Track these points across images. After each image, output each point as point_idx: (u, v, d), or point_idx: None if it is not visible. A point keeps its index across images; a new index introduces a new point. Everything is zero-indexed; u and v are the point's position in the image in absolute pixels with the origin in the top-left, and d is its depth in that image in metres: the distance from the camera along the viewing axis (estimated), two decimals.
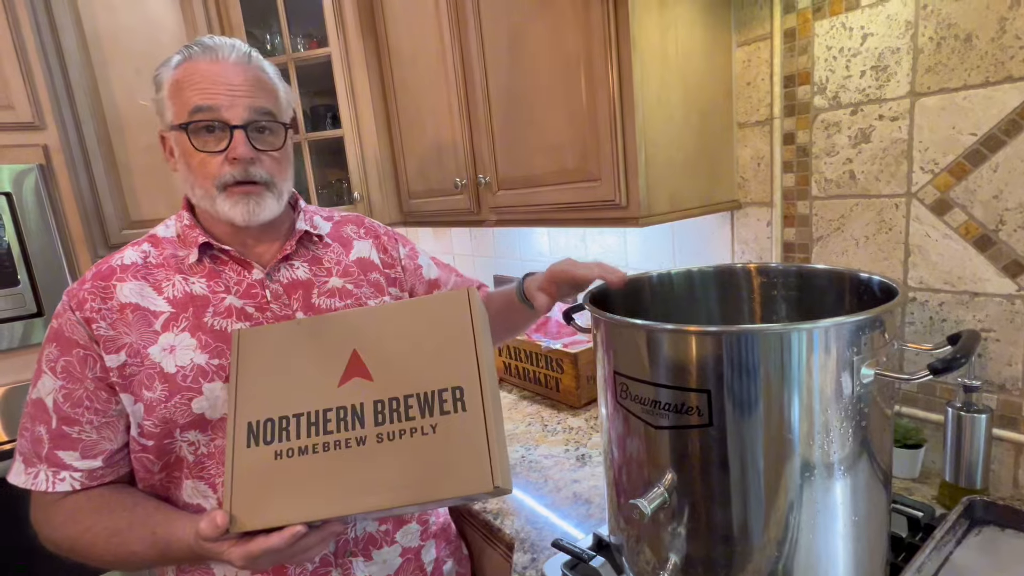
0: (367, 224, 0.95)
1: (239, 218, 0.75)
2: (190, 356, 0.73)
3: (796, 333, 0.56)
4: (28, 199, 1.44)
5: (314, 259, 0.85)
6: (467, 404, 0.64)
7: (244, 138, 0.72)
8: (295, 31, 1.76)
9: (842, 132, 0.98)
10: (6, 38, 1.40)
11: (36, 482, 0.71)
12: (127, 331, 0.72)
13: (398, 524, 0.84)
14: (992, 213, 0.84)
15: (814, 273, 0.83)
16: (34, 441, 0.72)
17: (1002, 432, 0.87)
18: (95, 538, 0.69)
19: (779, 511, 0.60)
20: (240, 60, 0.74)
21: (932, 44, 0.86)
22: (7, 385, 1.47)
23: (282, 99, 0.79)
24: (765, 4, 1.04)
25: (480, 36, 1.26)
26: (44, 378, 0.72)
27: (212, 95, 0.71)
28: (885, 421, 0.64)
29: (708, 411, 0.59)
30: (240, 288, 0.78)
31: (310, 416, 0.65)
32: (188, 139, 0.72)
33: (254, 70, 0.75)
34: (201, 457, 0.74)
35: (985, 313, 0.87)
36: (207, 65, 0.72)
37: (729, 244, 1.21)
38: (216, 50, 0.73)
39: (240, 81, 0.73)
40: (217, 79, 0.72)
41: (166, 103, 0.74)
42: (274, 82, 0.78)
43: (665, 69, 1.00)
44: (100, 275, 0.75)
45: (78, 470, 0.72)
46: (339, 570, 0.79)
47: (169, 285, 0.75)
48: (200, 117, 0.71)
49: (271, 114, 0.75)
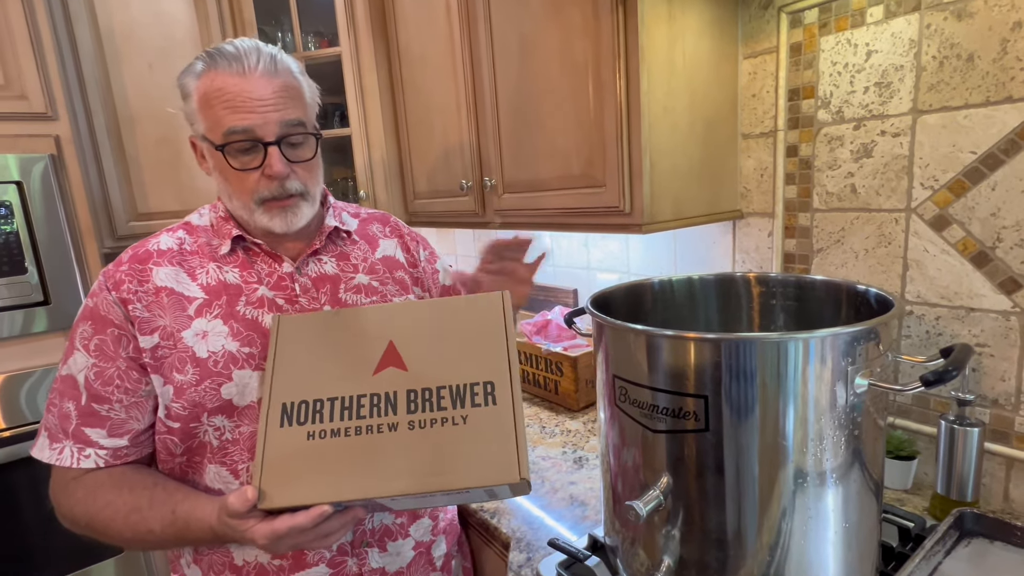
0: (392, 223, 0.97)
1: (278, 228, 0.77)
2: (222, 343, 0.74)
3: (793, 342, 0.58)
4: (38, 188, 1.46)
5: (342, 255, 0.87)
6: (497, 398, 0.66)
7: (279, 155, 0.73)
8: (306, 29, 1.78)
9: (844, 146, 1.00)
10: (22, 30, 1.42)
11: (60, 458, 0.72)
12: (161, 314, 0.74)
13: (412, 518, 0.86)
14: (990, 230, 0.85)
15: (812, 284, 0.84)
16: (61, 417, 0.72)
17: (994, 446, 0.88)
18: (114, 514, 0.70)
19: (772, 517, 0.61)
20: (267, 69, 0.73)
21: (935, 63, 0.87)
22: (7, 373, 1.48)
23: (308, 100, 0.79)
24: (772, 18, 1.06)
25: (490, 40, 1.28)
26: (76, 355, 0.73)
27: (244, 115, 0.71)
28: (878, 431, 0.65)
29: (705, 416, 0.60)
30: (271, 280, 0.80)
31: (344, 401, 0.67)
32: (225, 159, 0.73)
33: (281, 77, 0.75)
34: (225, 443, 0.75)
35: (980, 328, 0.88)
36: (235, 80, 0.72)
37: (730, 253, 1.22)
38: (241, 59, 0.72)
39: (269, 94, 0.73)
40: (247, 95, 0.72)
41: (196, 115, 0.74)
42: (300, 84, 0.78)
43: (672, 79, 1.02)
44: (137, 258, 0.76)
45: (104, 448, 0.73)
46: (355, 559, 0.80)
47: (203, 272, 0.77)
48: (235, 138, 0.72)
49: (302, 124, 0.76)
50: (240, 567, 0.77)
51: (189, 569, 0.80)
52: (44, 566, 1.54)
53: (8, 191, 1.42)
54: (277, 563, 0.77)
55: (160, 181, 1.69)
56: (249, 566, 0.77)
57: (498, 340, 0.69)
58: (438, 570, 0.91)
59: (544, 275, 1.80)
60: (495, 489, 0.63)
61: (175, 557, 0.83)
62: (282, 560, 0.77)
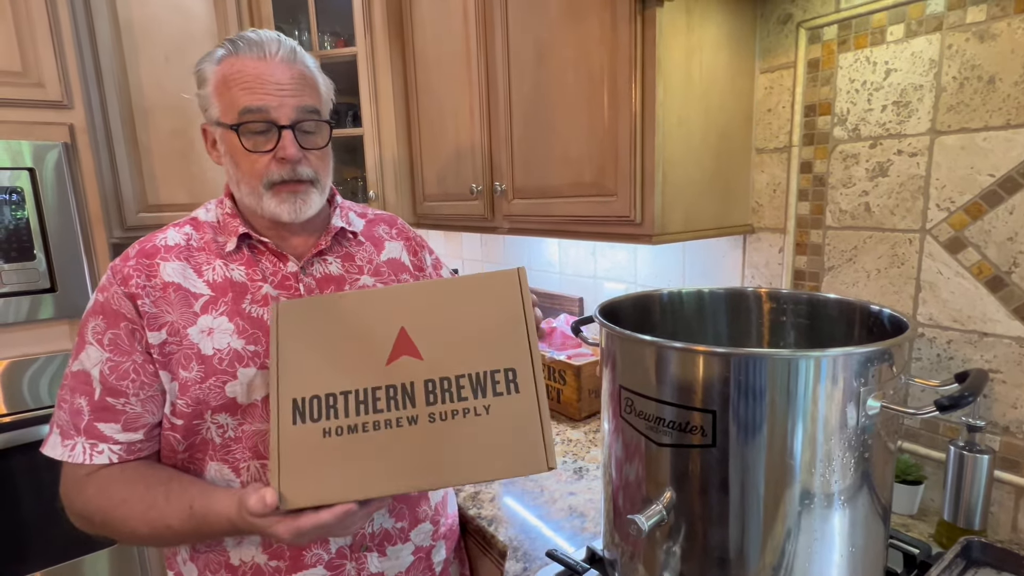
0: (399, 225, 0.96)
1: (285, 215, 0.76)
2: (227, 340, 0.73)
3: (805, 360, 0.57)
4: (50, 176, 1.46)
5: (347, 256, 0.86)
6: (520, 386, 0.64)
7: (292, 138, 0.73)
8: (323, 29, 1.79)
9: (860, 164, 0.99)
10: (42, 19, 1.43)
11: (72, 454, 0.71)
12: (169, 309, 0.73)
13: (413, 522, 0.85)
14: (1006, 255, 0.84)
15: (825, 302, 0.83)
16: (73, 413, 0.71)
17: (1004, 474, 0.86)
18: (130, 511, 0.69)
19: (776, 537, 0.60)
20: (287, 57, 0.74)
21: (955, 84, 0.87)
22: (11, 358, 1.48)
23: (323, 93, 0.80)
24: (791, 33, 1.05)
25: (507, 45, 1.28)
26: (89, 350, 0.72)
27: (261, 96, 0.72)
28: (888, 455, 0.64)
29: (712, 431, 0.59)
30: (276, 279, 0.79)
31: (358, 394, 0.64)
32: (239, 139, 0.73)
33: (299, 67, 0.75)
34: (228, 440, 0.75)
35: (993, 354, 0.87)
36: (254, 63, 0.72)
37: (739, 268, 1.21)
38: (263, 46, 0.73)
39: (287, 79, 0.73)
40: (265, 78, 0.72)
41: (211, 99, 0.74)
42: (316, 77, 0.79)
43: (688, 91, 1.01)
44: (144, 253, 0.75)
45: (118, 442, 0.72)
46: (354, 564, 0.79)
47: (209, 269, 0.76)
48: (250, 118, 0.72)
49: (317, 112, 0.76)
50: (236, 567, 0.76)
51: (185, 567, 0.79)
52: (41, 554, 1.53)
53: (21, 177, 1.43)
54: (274, 564, 0.76)
55: (171, 173, 1.70)
56: (246, 566, 0.76)
57: (516, 323, 0.66)
58: (437, 575, 0.89)
59: (551, 283, 1.80)
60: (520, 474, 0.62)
61: (171, 554, 0.81)
62: (279, 561, 0.76)
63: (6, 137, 1.42)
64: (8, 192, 1.42)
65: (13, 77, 1.42)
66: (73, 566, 1.56)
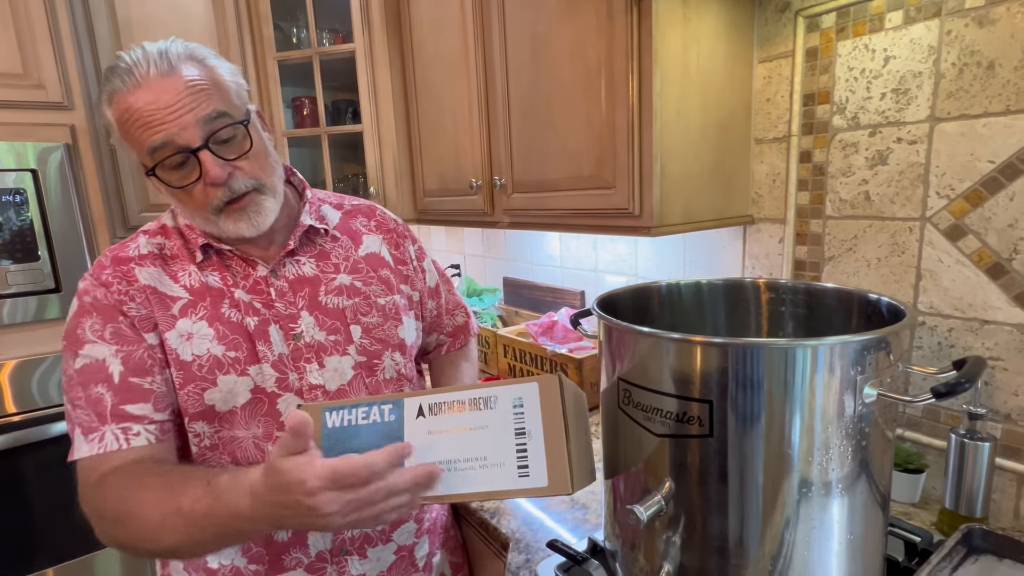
0: (378, 216, 0.92)
1: (247, 231, 0.72)
2: (207, 346, 0.72)
3: (801, 349, 0.57)
4: (53, 177, 1.47)
5: (321, 254, 0.82)
6: None
7: (211, 158, 0.68)
8: (321, 25, 1.79)
9: (859, 153, 0.98)
10: (41, 20, 1.43)
11: (103, 445, 0.65)
12: (152, 311, 0.72)
13: (395, 523, 0.84)
14: (1007, 242, 0.84)
15: (823, 291, 0.83)
16: (92, 403, 0.67)
17: (1005, 462, 0.86)
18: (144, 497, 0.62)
19: (775, 526, 0.60)
20: (163, 70, 0.66)
21: (954, 70, 0.86)
22: (18, 358, 1.49)
23: (227, 84, 0.71)
24: (789, 22, 1.05)
25: (503, 40, 1.27)
26: (92, 346, 0.68)
27: (158, 128, 0.65)
28: (886, 443, 0.64)
29: (709, 422, 0.60)
30: (247, 283, 0.76)
31: None
32: (161, 181, 0.69)
33: (182, 73, 0.67)
34: (204, 450, 0.73)
35: (994, 341, 0.86)
36: (136, 95, 0.66)
37: (740, 259, 1.21)
38: (133, 71, 0.66)
39: (174, 96, 0.66)
40: (153, 106, 0.65)
41: (125, 147, 0.70)
42: (207, 72, 0.69)
43: (685, 82, 1.01)
44: (118, 260, 0.73)
45: (153, 421, 0.68)
46: (335, 567, 0.78)
47: (185, 275, 0.75)
48: (161, 156, 0.67)
49: (225, 115, 0.69)
50: (216, 570, 0.76)
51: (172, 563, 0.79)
52: (52, 550, 1.55)
53: (24, 179, 1.44)
54: (254, 568, 0.75)
55: None
56: (225, 568, 0.76)
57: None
58: (420, 570, 0.89)
59: (552, 276, 1.80)
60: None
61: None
62: (258, 565, 0.75)
63: (8, 139, 1.44)
64: (12, 193, 1.43)
65: (14, 79, 1.43)
66: (84, 563, 1.59)
